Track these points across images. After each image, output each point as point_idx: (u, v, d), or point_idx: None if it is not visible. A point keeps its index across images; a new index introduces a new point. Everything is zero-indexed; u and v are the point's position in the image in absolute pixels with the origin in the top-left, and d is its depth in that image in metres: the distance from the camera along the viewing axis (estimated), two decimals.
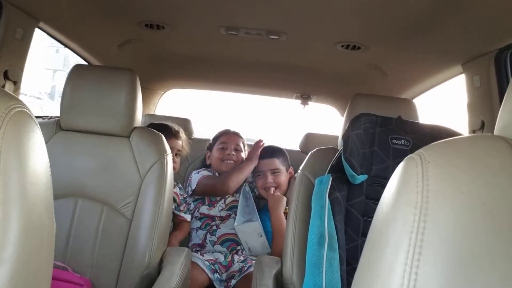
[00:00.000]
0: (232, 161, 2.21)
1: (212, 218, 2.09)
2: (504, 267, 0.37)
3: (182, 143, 2.12)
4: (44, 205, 0.53)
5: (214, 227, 2.06)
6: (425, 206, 0.40)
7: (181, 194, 2.10)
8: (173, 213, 1.95)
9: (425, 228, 0.39)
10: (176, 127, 2.12)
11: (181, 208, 2.05)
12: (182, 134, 2.14)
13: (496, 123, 0.49)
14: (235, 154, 2.23)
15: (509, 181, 0.40)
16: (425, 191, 0.41)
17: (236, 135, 2.34)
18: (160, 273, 1.40)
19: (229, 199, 2.15)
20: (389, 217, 0.43)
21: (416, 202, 0.41)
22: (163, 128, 1.99)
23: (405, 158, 0.46)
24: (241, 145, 2.30)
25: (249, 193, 2.14)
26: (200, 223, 2.10)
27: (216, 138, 2.35)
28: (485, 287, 0.37)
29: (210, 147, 2.34)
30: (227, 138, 2.30)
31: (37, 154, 0.52)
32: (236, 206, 2.09)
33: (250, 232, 1.95)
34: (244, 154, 2.28)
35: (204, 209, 2.13)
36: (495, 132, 0.49)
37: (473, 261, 0.37)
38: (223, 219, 2.09)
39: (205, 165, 2.37)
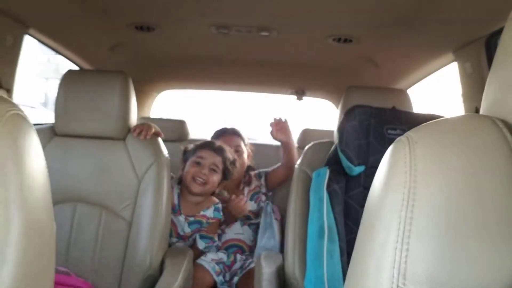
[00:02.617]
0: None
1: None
2: (491, 241, 0.39)
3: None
4: (43, 206, 0.53)
5: (219, 231, 1.95)
6: (413, 185, 0.41)
7: (211, 218, 1.86)
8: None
9: (414, 206, 0.41)
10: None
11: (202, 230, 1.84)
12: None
13: (482, 103, 0.50)
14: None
15: (494, 158, 0.41)
16: (413, 170, 0.42)
17: (217, 151, 1.85)
18: (162, 274, 1.40)
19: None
20: (380, 198, 0.45)
21: (405, 182, 0.42)
22: (204, 141, 1.93)
23: (394, 141, 0.47)
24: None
25: (270, 214, 1.93)
26: None
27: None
28: (472, 260, 0.38)
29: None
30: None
31: (34, 156, 0.52)
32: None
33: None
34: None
35: None
36: (481, 112, 0.50)
37: (460, 236, 0.39)
38: (228, 223, 1.99)
39: None
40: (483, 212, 0.39)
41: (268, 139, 2.40)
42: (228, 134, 2.10)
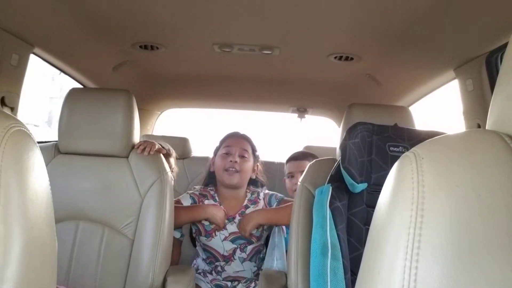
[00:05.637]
0: (234, 169, 1.83)
1: (215, 256, 1.83)
2: (502, 257, 0.38)
3: (174, 161, 1.95)
4: (45, 223, 0.53)
5: (219, 269, 1.83)
6: (421, 201, 0.41)
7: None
8: None
9: (422, 223, 0.40)
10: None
11: None
12: (173, 152, 1.97)
13: (487, 118, 0.50)
14: (238, 161, 1.84)
15: (503, 173, 0.40)
16: (420, 186, 0.41)
17: (244, 138, 1.95)
18: None
19: (232, 229, 1.82)
20: (387, 215, 0.44)
21: (413, 198, 0.41)
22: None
23: (401, 157, 0.46)
24: (249, 151, 1.91)
25: (279, 233, 1.84)
26: (205, 256, 1.86)
27: (221, 142, 1.98)
28: (484, 279, 0.37)
29: (215, 151, 1.98)
30: (232, 141, 1.92)
31: (37, 172, 0.53)
32: (240, 238, 1.82)
33: None
34: (250, 164, 1.90)
35: (202, 239, 1.84)
36: (487, 127, 0.50)
37: (471, 253, 0.38)
38: (227, 260, 1.82)
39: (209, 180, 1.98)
40: (492, 227, 0.38)
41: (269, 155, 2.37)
42: (236, 137, 1.96)
